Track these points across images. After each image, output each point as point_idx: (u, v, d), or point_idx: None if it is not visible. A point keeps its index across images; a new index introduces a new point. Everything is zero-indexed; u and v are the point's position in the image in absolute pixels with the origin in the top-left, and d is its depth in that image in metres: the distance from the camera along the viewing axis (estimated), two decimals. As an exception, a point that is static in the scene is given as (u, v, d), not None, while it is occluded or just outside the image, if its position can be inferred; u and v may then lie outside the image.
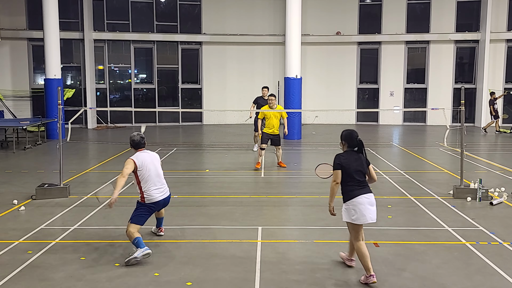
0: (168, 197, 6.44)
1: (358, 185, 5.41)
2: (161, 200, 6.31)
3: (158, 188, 6.28)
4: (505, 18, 22.33)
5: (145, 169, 6.22)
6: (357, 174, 5.41)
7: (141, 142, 6.50)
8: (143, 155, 6.36)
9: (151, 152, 6.52)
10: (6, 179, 10.68)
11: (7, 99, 21.08)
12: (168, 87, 23.57)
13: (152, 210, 6.30)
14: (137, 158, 6.25)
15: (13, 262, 5.84)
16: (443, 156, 13.85)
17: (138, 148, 6.46)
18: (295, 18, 17.04)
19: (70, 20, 21.76)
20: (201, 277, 5.45)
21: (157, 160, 6.51)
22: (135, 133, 6.54)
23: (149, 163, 6.29)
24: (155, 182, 6.26)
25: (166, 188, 6.42)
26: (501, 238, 6.73)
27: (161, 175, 6.42)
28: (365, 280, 5.28)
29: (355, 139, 5.48)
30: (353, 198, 5.38)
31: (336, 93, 23.08)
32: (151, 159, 6.36)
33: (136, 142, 6.46)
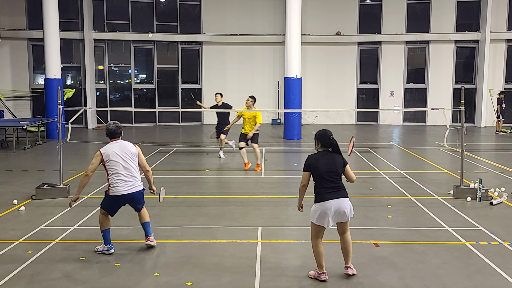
0: (137, 193, 6.14)
1: (329, 188, 5.24)
2: (126, 195, 6.05)
3: (124, 182, 6.02)
4: (505, 18, 22.33)
5: (113, 161, 6.02)
6: (328, 176, 5.24)
7: (116, 132, 6.22)
8: (113, 146, 6.13)
9: (126, 143, 6.25)
10: (6, 179, 10.68)
11: (7, 99, 21.08)
12: (168, 87, 23.57)
13: (117, 203, 6.13)
14: (105, 150, 6.07)
15: (13, 262, 5.84)
16: (443, 156, 13.85)
17: (112, 137, 6.22)
18: (295, 18, 17.04)
19: (70, 20, 21.76)
20: (201, 277, 5.45)
21: (131, 152, 6.17)
22: (111, 122, 6.31)
23: (117, 154, 6.05)
24: (122, 175, 6.02)
25: (135, 183, 6.10)
26: (501, 238, 6.73)
27: (132, 168, 6.10)
28: (316, 276, 5.36)
29: (327, 139, 5.34)
30: (322, 202, 5.24)
31: (336, 93, 23.09)
32: (121, 150, 6.10)
33: (110, 131, 6.21)
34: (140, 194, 6.21)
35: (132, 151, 6.19)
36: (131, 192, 6.06)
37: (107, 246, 6.10)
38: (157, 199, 7.04)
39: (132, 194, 6.09)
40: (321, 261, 5.33)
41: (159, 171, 11.52)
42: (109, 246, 6.10)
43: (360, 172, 11.68)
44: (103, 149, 6.07)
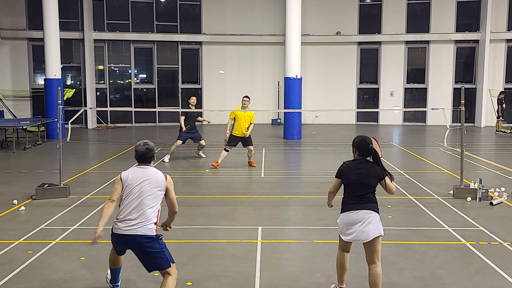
0: (133, 237, 4.56)
1: (353, 199, 4.86)
2: (120, 235, 4.63)
3: (126, 220, 4.62)
4: (505, 18, 22.32)
5: (128, 190, 4.67)
6: (356, 186, 4.86)
7: (146, 156, 4.86)
8: (136, 172, 4.78)
9: (156, 172, 4.80)
10: (6, 179, 10.68)
11: (7, 99, 21.07)
12: (168, 87, 23.56)
13: (119, 244, 4.80)
14: (126, 174, 4.78)
15: (13, 262, 5.84)
16: (443, 156, 13.85)
17: (141, 162, 4.88)
18: (295, 18, 17.04)
19: (70, 20, 21.76)
20: (201, 277, 5.45)
21: (156, 185, 4.71)
22: (141, 142, 4.95)
23: (136, 185, 4.66)
24: (129, 210, 4.62)
25: (137, 226, 4.57)
26: (501, 238, 6.73)
27: (144, 208, 4.60)
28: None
29: (366, 148, 4.89)
30: (343, 212, 4.89)
31: (336, 93, 23.08)
32: (143, 181, 4.68)
33: (139, 154, 4.87)
34: (137, 241, 4.59)
35: (159, 185, 4.72)
36: (124, 234, 4.61)
37: (111, 286, 5.16)
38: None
39: (127, 238, 4.60)
40: (342, 275, 5.00)
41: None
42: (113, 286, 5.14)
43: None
44: (125, 172, 4.82)
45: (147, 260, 4.63)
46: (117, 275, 5.12)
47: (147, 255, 4.59)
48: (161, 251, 4.60)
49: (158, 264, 4.60)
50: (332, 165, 12.12)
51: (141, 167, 4.82)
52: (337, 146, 15.10)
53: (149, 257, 4.60)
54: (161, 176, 4.77)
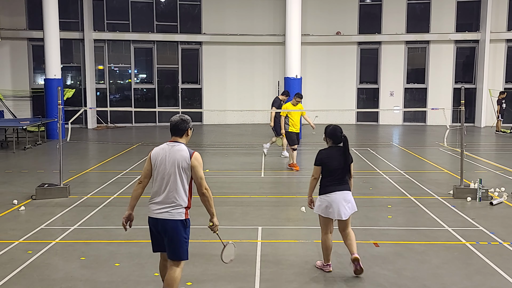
0: (166, 222, 4.42)
1: (335, 181, 5.50)
2: (152, 219, 4.48)
3: (154, 203, 4.49)
4: (505, 18, 22.32)
5: (156, 170, 4.50)
6: (337, 171, 5.50)
7: (179, 127, 4.54)
8: (164, 149, 4.52)
9: (181, 150, 4.48)
10: (6, 179, 10.67)
11: (7, 99, 21.07)
12: (168, 87, 23.57)
13: (151, 230, 4.61)
14: (155, 152, 4.55)
15: (13, 262, 5.84)
16: (443, 156, 13.85)
17: (172, 134, 4.59)
18: (295, 18, 17.02)
19: (70, 20, 21.75)
20: (201, 277, 5.45)
21: (179, 164, 4.43)
22: (177, 114, 4.67)
23: (162, 164, 4.47)
24: (158, 190, 4.47)
25: (165, 209, 4.43)
26: (501, 238, 6.73)
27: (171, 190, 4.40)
28: (321, 266, 5.63)
29: (339, 135, 5.56)
30: (328, 193, 5.45)
31: (336, 93, 23.08)
32: (168, 159, 4.45)
33: (172, 124, 4.58)
34: (169, 226, 4.42)
35: (184, 163, 4.43)
36: (157, 218, 4.45)
37: None
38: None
39: (160, 223, 4.43)
40: (328, 255, 5.57)
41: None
42: None
43: (360, 172, 11.68)
44: (154, 151, 4.58)
45: (170, 246, 4.45)
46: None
47: (171, 240, 4.43)
48: (185, 242, 4.48)
49: (176, 253, 4.45)
50: (332, 165, 12.12)
51: (169, 144, 4.53)
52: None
53: (173, 242, 4.43)
54: (186, 154, 4.43)
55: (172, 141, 4.55)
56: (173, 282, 4.43)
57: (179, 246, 4.44)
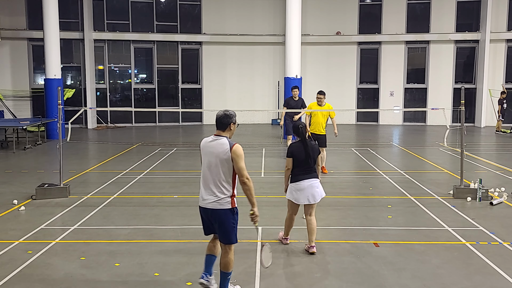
0: (215, 211, 4.75)
1: (304, 170, 6.19)
2: (203, 209, 4.85)
3: (205, 193, 4.81)
4: (505, 18, 22.33)
5: (202, 160, 4.85)
6: (305, 162, 6.20)
7: (222, 121, 4.82)
8: (207, 142, 4.85)
9: (224, 141, 4.75)
10: (6, 179, 10.68)
11: (7, 99, 21.07)
12: (168, 87, 23.57)
13: (201, 217, 4.94)
14: (202, 142, 4.90)
15: (13, 262, 5.84)
16: (443, 156, 13.85)
17: (217, 128, 4.86)
18: (295, 18, 17.03)
19: (70, 20, 21.76)
20: (201, 277, 5.45)
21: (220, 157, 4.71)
22: (221, 110, 4.97)
23: (206, 156, 4.80)
24: (205, 181, 4.81)
25: (217, 200, 4.73)
26: (501, 238, 6.73)
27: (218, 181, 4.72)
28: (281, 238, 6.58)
29: (297, 129, 6.35)
30: (297, 182, 6.19)
31: (336, 93, 23.05)
32: (210, 152, 4.76)
33: (216, 118, 4.85)
34: (226, 214, 4.76)
35: (223, 156, 4.71)
36: (203, 207, 4.83)
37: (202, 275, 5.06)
38: (153, 200, 7.01)
39: (215, 212, 4.76)
40: (289, 231, 6.54)
41: (159, 171, 11.52)
42: (202, 274, 5.05)
43: (360, 172, 11.69)
44: (202, 140, 4.93)
45: (221, 231, 4.82)
46: (209, 263, 5.03)
47: (222, 226, 4.78)
48: (234, 227, 4.81)
49: (227, 237, 4.80)
50: (332, 165, 12.13)
51: (214, 137, 4.83)
52: (337, 146, 15.10)
53: (224, 229, 4.78)
54: (226, 146, 4.71)
55: (216, 134, 4.86)
56: (228, 263, 4.88)
57: (230, 232, 4.80)
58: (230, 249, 4.86)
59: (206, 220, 4.89)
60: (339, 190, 9.71)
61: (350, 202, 8.81)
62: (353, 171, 11.91)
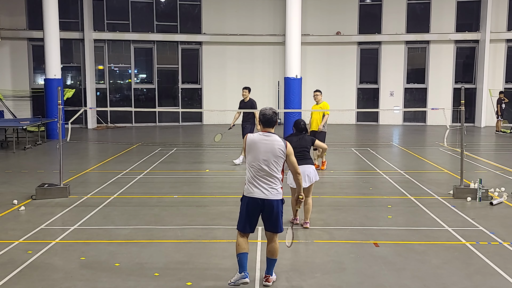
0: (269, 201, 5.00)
1: (300, 157, 6.61)
2: (253, 199, 5.01)
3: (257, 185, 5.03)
4: (505, 18, 22.33)
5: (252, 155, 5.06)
6: (301, 150, 7.10)
7: (272, 120, 5.11)
8: (258, 137, 5.08)
9: (276, 139, 5.05)
10: (6, 179, 10.67)
11: (7, 99, 21.07)
12: (168, 87, 23.57)
13: (246, 209, 5.08)
14: (249, 137, 5.13)
15: (13, 262, 5.84)
16: (443, 156, 13.85)
17: (265, 126, 5.15)
18: (295, 18, 17.02)
19: (70, 20, 21.76)
20: (201, 277, 5.45)
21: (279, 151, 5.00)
22: (267, 107, 5.23)
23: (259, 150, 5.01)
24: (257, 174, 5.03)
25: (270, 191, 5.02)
26: (501, 238, 6.73)
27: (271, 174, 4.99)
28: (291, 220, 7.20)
29: (299, 125, 7.35)
30: None
31: (336, 93, 23.05)
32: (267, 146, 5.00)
33: (266, 117, 5.10)
34: (278, 204, 5.06)
35: (278, 152, 5.02)
36: (259, 197, 5.02)
37: (241, 274, 5.08)
38: (153, 200, 7.01)
39: (268, 202, 5.02)
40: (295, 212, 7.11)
41: (159, 171, 11.52)
42: (244, 274, 5.07)
43: (360, 172, 11.69)
44: (249, 136, 5.15)
45: (271, 221, 5.11)
46: (244, 260, 5.10)
47: (272, 216, 5.08)
48: (282, 216, 5.18)
49: (277, 226, 5.12)
50: (332, 165, 12.13)
51: (264, 134, 5.10)
52: (337, 146, 15.10)
53: (274, 218, 5.09)
54: (282, 143, 5.05)
55: (265, 131, 5.14)
56: (276, 251, 5.22)
57: (280, 221, 5.14)
58: (277, 237, 5.20)
59: (253, 212, 5.07)
60: (339, 190, 9.71)
61: (350, 202, 8.81)
62: (353, 171, 11.91)
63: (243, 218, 5.14)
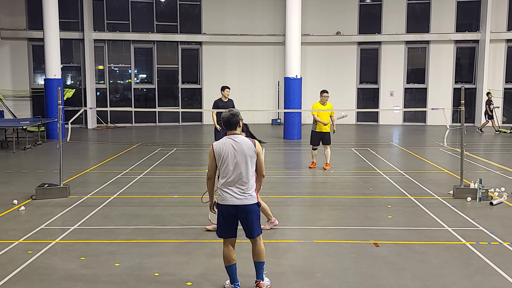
0: (245, 207, 4.91)
1: None
2: (228, 207, 4.91)
3: (231, 190, 4.91)
4: (505, 18, 22.33)
5: (223, 161, 4.92)
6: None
7: (231, 121, 4.95)
8: (226, 141, 4.93)
9: (245, 139, 4.96)
10: (6, 179, 10.67)
11: (7, 99, 21.08)
12: (168, 87, 23.57)
13: (223, 216, 4.97)
14: (216, 146, 4.96)
15: (13, 262, 5.84)
16: (443, 156, 13.85)
17: (228, 129, 5.01)
18: (295, 18, 17.04)
19: (70, 20, 21.76)
20: (201, 277, 5.45)
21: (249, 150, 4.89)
22: (226, 110, 5.09)
23: (230, 154, 4.89)
24: (230, 179, 4.91)
25: (245, 195, 4.91)
26: (501, 238, 6.73)
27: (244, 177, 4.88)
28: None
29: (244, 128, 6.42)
30: None
31: (336, 93, 23.00)
32: (236, 148, 4.88)
33: (224, 120, 4.99)
34: (254, 208, 4.97)
35: (249, 152, 4.91)
36: (242, 204, 4.91)
37: (232, 286, 5.07)
38: (153, 200, 7.01)
39: (244, 208, 4.92)
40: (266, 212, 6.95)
41: (159, 171, 11.52)
42: (234, 286, 5.06)
43: (360, 172, 11.69)
44: (216, 145, 4.98)
45: (248, 226, 4.97)
46: (234, 273, 5.06)
47: (249, 221, 4.96)
48: (259, 219, 5.07)
49: (255, 231, 5.00)
50: (332, 165, 12.13)
51: (230, 137, 4.95)
52: (337, 146, 15.10)
53: (251, 223, 4.96)
54: (250, 143, 4.93)
55: (230, 134, 4.99)
56: (261, 252, 5.07)
57: (257, 224, 5.03)
58: (260, 239, 5.08)
59: (231, 219, 4.97)
60: (339, 190, 9.71)
61: (350, 202, 8.80)
62: (353, 171, 11.90)
63: (221, 225, 5.02)
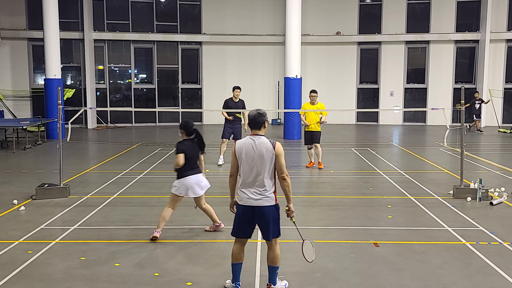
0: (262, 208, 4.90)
1: (190, 167, 6.66)
2: (246, 207, 4.92)
3: (249, 191, 4.90)
4: (505, 18, 22.33)
5: (242, 161, 4.92)
6: (192, 159, 6.70)
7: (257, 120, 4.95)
8: (247, 141, 4.92)
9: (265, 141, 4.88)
10: (6, 179, 10.67)
11: (7, 99, 21.07)
12: (168, 87, 23.57)
13: (238, 216, 5.01)
14: (237, 145, 4.97)
15: (13, 262, 5.84)
16: (443, 156, 13.85)
17: (252, 128, 4.99)
18: (295, 18, 17.04)
19: (70, 20, 21.76)
20: (201, 277, 5.45)
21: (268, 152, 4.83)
22: (254, 109, 5.13)
23: (249, 155, 4.86)
24: (249, 180, 4.89)
25: (263, 197, 4.90)
26: (501, 238, 6.73)
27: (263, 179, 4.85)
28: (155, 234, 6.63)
29: (191, 128, 6.76)
30: (184, 177, 6.63)
31: (336, 93, 23.07)
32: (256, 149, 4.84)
33: (250, 118, 4.97)
34: (272, 210, 4.96)
35: (267, 154, 4.84)
36: (259, 205, 4.90)
37: (233, 285, 5.08)
38: (153, 200, 7.00)
39: (261, 209, 4.91)
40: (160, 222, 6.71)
41: (159, 171, 11.52)
42: (235, 285, 5.06)
43: (360, 172, 11.69)
44: (237, 143, 4.98)
45: (267, 228, 4.95)
46: (238, 272, 5.06)
47: (268, 223, 4.94)
48: (279, 221, 5.03)
49: (274, 232, 4.98)
50: (332, 165, 12.14)
51: (252, 137, 4.92)
52: (337, 146, 15.10)
53: (270, 224, 4.94)
54: (269, 145, 4.86)
55: (253, 134, 4.96)
56: (277, 257, 5.04)
57: (276, 226, 5.00)
58: (276, 243, 5.03)
59: (246, 220, 4.97)
60: (339, 190, 9.70)
61: (350, 202, 8.80)
62: (353, 171, 11.90)
63: (236, 224, 5.06)
